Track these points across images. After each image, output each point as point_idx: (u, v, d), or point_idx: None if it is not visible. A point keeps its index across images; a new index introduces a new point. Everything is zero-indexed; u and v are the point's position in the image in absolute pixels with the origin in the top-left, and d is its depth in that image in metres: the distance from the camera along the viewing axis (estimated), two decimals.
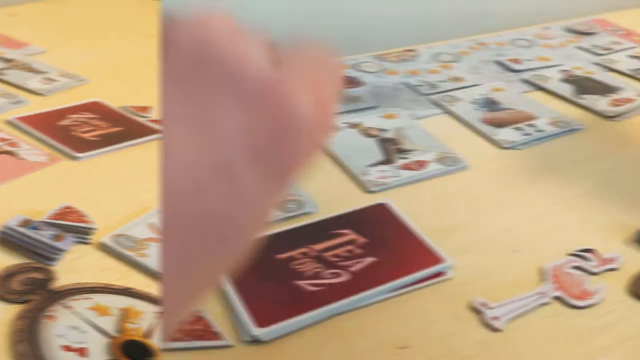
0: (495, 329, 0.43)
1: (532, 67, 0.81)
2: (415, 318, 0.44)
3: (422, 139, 0.63)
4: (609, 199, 0.56)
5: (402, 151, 0.61)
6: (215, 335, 0.41)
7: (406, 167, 0.58)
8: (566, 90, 0.75)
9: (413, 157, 0.60)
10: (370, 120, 0.67)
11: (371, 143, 0.62)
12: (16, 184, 0.59)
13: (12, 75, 0.79)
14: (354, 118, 0.67)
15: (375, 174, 0.57)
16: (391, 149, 0.61)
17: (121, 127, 0.69)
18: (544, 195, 0.56)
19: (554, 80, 0.77)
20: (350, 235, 0.49)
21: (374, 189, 0.56)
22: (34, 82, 0.77)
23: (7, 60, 0.83)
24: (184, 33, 0.23)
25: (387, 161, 0.59)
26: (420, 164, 0.59)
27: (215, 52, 0.23)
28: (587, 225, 0.53)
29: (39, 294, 0.47)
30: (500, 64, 0.82)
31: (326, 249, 0.48)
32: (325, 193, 0.55)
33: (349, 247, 0.48)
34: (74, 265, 0.50)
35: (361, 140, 0.63)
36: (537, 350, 0.42)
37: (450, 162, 0.59)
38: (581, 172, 0.60)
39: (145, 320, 0.45)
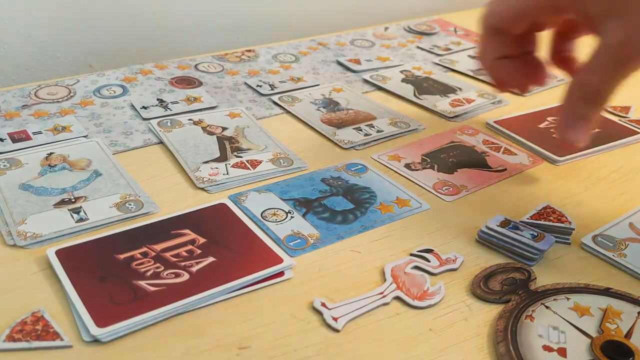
0: (334, 329, 0.45)
1: (372, 68, 0.86)
2: (256, 318, 0.45)
3: (261, 138, 0.67)
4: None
5: (239, 150, 0.64)
6: (54, 336, 0.42)
7: (237, 166, 0.61)
8: (406, 90, 0.80)
9: (247, 157, 0.63)
10: (213, 118, 0.70)
11: (212, 141, 0.66)
12: (498, 185, 0.62)
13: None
14: (198, 115, 0.71)
15: (206, 171, 0.60)
16: (227, 147, 0.64)
17: (599, 129, 0.73)
18: None
19: (394, 80, 0.83)
20: (190, 235, 0.52)
21: (201, 185, 0.58)
22: None
23: None
24: None
25: (221, 159, 0.62)
26: (252, 164, 0.62)
27: None
28: (427, 225, 0.56)
29: (519, 294, 0.48)
30: (340, 64, 0.87)
31: (166, 249, 0.50)
32: (167, 192, 0.58)
33: (189, 247, 0.50)
34: (553, 265, 0.52)
35: (203, 138, 0.66)
36: (376, 350, 0.44)
37: (285, 163, 0.63)
38: None
39: (625, 321, 0.46)
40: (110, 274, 0.47)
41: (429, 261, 0.51)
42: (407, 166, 0.64)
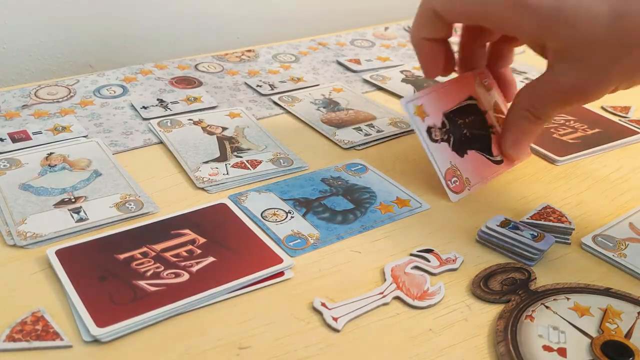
0: (334, 329, 0.45)
1: (372, 68, 0.86)
2: (256, 318, 0.45)
3: (261, 138, 0.67)
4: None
5: (239, 150, 0.64)
6: (54, 336, 0.42)
7: (237, 166, 0.61)
8: (406, 90, 0.80)
9: (247, 157, 0.63)
10: (213, 118, 0.70)
11: (212, 141, 0.66)
12: (498, 185, 0.62)
13: None
14: (198, 115, 0.71)
15: (206, 171, 0.60)
16: (227, 147, 0.64)
17: (599, 129, 0.73)
18: None
19: (394, 80, 0.83)
20: (190, 235, 0.52)
21: (201, 185, 0.58)
22: None
23: None
24: None
25: (221, 159, 0.62)
26: (252, 164, 0.62)
27: None
28: (427, 225, 0.56)
29: (519, 294, 0.48)
30: (340, 64, 0.87)
31: (166, 249, 0.50)
32: (167, 192, 0.58)
33: (189, 247, 0.50)
34: (553, 265, 0.52)
35: (203, 138, 0.66)
36: (376, 350, 0.44)
37: (285, 163, 0.63)
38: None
39: (625, 321, 0.46)
40: (110, 274, 0.47)
41: (429, 261, 0.51)
42: (429, 131, 0.60)
